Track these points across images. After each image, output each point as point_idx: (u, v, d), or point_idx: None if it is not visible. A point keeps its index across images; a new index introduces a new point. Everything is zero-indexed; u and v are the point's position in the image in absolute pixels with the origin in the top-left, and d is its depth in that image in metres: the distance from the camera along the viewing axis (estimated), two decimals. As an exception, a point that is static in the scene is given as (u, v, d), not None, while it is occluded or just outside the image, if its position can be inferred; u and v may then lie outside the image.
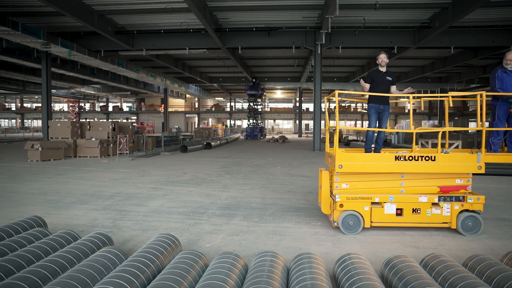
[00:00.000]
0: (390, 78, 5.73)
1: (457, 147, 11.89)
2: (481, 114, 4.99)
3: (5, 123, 63.10)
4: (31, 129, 49.31)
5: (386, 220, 4.99)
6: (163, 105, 42.68)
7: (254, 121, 35.62)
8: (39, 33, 14.23)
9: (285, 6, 13.84)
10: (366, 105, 5.88)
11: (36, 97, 46.63)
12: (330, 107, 50.90)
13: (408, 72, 29.62)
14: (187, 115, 52.21)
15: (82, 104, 53.86)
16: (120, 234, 4.85)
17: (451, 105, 5.46)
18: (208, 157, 15.88)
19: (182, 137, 25.58)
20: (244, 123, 49.51)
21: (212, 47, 17.68)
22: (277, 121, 56.91)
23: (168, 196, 7.36)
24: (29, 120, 60.46)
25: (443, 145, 5.49)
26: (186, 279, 2.84)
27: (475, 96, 5.05)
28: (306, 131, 43.65)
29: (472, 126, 46.25)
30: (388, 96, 5.67)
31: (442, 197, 4.95)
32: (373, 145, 5.82)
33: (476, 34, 15.86)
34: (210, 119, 55.33)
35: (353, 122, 51.92)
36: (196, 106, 54.83)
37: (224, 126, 48.58)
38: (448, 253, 4.19)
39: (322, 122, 20.78)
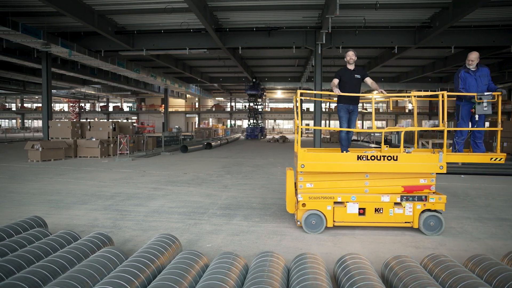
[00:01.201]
0: (358, 76, 5.61)
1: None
2: (442, 114, 4.99)
3: (5, 123, 63.12)
4: (32, 129, 49.35)
5: (348, 219, 5.02)
6: (163, 105, 42.67)
7: (255, 121, 35.62)
8: (39, 33, 14.22)
9: (285, 6, 13.81)
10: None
11: (37, 97, 46.63)
12: (331, 106, 50.93)
13: (408, 72, 29.59)
14: (187, 115, 52.20)
15: (83, 104, 53.87)
16: (121, 234, 4.85)
17: (414, 104, 5.50)
18: (208, 157, 15.87)
19: (183, 137, 25.58)
20: (245, 123, 49.49)
21: (213, 47, 17.65)
22: (277, 121, 56.89)
23: (168, 196, 7.36)
24: (30, 120, 60.47)
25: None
26: (186, 279, 2.84)
27: (439, 96, 5.06)
28: (306, 131, 43.63)
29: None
30: (358, 96, 5.58)
31: (405, 197, 4.96)
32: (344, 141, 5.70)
33: (476, 34, 15.83)
34: (210, 119, 55.31)
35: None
36: (197, 106, 54.81)
37: (225, 126, 48.57)
38: (448, 253, 4.18)
39: (323, 122, 20.74)
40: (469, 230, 5.18)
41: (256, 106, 35.79)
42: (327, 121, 49.21)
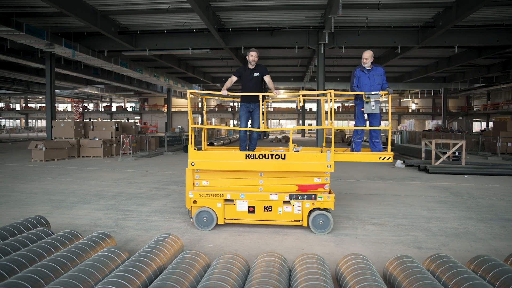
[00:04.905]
0: (257, 74, 5.52)
1: (460, 148, 11.81)
2: (330, 112, 4.99)
3: (9, 123, 63.44)
4: (35, 129, 49.54)
5: (238, 217, 5.07)
6: (166, 105, 42.78)
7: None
8: (43, 33, 14.28)
9: (288, 6, 13.79)
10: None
11: (40, 97, 46.86)
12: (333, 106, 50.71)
13: (411, 72, 29.47)
14: (190, 115, 52.20)
15: (86, 104, 54.06)
16: (123, 234, 4.86)
17: (302, 103, 5.47)
18: (211, 157, 15.86)
19: (185, 137, 25.61)
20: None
21: (215, 47, 17.65)
22: (280, 121, 56.83)
23: (170, 196, 7.37)
24: (33, 120, 60.74)
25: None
26: (187, 279, 2.84)
27: (327, 94, 5.02)
28: (309, 131, 43.60)
29: (476, 126, 46.02)
30: (258, 95, 5.37)
31: (294, 196, 4.95)
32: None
33: (480, 33, 15.74)
34: (213, 119, 55.37)
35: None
36: (200, 106, 54.87)
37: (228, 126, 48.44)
38: (451, 253, 4.16)
39: (325, 122, 20.59)
40: (472, 231, 5.15)
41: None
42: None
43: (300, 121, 44.45)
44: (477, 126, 46.09)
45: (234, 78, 5.58)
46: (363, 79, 5.35)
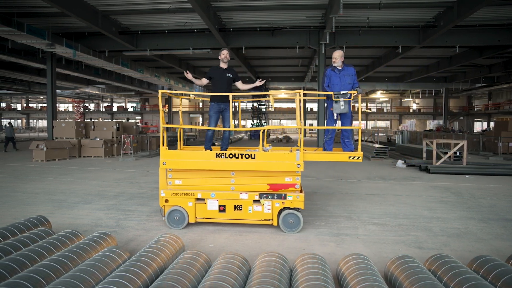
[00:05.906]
0: (230, 75, 5.57)
1: (461, 148, 11.79)
2: (300, 112, 5.00)
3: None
4: (37, 129, 49.63)
5: (209, 216, 5.10)
6: (167, 105, 42.79)
7: (258, 121, 35.65)
8: (44, 33, 14.31)
9: (288, 6, 13.80)
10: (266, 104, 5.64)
11: (41, 97, 46.92)
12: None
13: (412, 72, 29.43)
14: (191, 115, 52.28)
15: (87, 104, 54.12)
16: (124, 234, 4.87)
17: (272, 104, 5.50)
18: (211, 157, 15.86)
19: (186, 137, 25.63)
20: (248, 123, 49.50)
21: (216, 47, 17.65)
22: (281, 121, 56.82)
23: (171, 196, 7.36)
24: (35, 120, 60.86)
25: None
26: (188, 279, 2.84)
27: (296, 94, 5.02)
28: (310, 131, 43.59)
29: (478, 126, 45.95)
30: (229, 95, 5.38)
31: (264, 195, 4.97)
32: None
33: (481, 33, 15.72)
34: (213, 119, 55.30)
35: (356, 122, 51.77)
36: (200, 106, 54.91)
37: (228, 126, 48.37)
38: (453, 254, 4.15)
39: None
40: (473, 231, 5.14)
41: (259, 106, 35.81)
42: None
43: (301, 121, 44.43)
44: (478, 126, 46.04)
45: (205, 81, 5.66)
46: (333, 79, 5.38)
